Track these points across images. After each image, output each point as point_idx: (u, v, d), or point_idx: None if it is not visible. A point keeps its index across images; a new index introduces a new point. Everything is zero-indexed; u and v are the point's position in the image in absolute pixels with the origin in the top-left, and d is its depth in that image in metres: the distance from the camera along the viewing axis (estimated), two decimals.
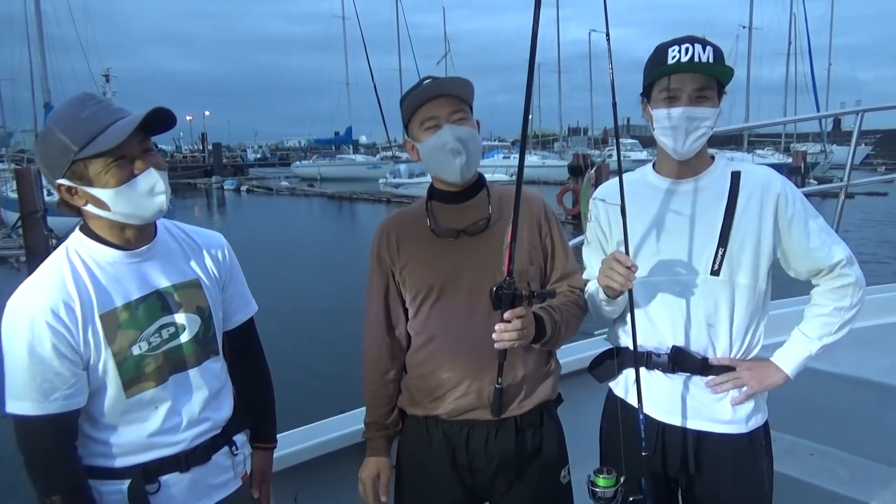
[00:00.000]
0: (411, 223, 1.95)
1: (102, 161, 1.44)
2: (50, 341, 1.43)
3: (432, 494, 1.93)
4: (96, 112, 1.45)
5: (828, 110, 35.15)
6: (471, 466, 1.89)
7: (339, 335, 9.93)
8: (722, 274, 1.77)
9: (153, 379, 1.55)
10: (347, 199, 35.96)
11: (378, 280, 1.98)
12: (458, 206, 1.93)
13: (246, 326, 1.84)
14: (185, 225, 1.75)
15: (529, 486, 1.89)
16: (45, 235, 16.56)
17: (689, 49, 1.70)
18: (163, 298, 1.59)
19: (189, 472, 1.61)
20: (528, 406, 1.88)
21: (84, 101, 1.47)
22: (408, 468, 1.98)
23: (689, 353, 1.81)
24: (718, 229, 1.76)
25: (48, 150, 1.46)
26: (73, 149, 1.43)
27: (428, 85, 1.84)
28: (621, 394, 1.94)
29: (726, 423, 1.81)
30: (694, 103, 1.72)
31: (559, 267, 1.95)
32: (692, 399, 1.82)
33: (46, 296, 1.45)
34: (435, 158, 1.86)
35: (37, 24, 23.86)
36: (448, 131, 1.82)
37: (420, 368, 1.93)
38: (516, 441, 1.87)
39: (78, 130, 1.43)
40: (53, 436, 1.47)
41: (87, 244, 1.54)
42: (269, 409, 1.91)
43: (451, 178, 1.87)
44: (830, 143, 39.76)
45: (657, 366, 1.84)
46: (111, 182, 1.45)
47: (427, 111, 1.84)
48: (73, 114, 1.45)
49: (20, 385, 1.44)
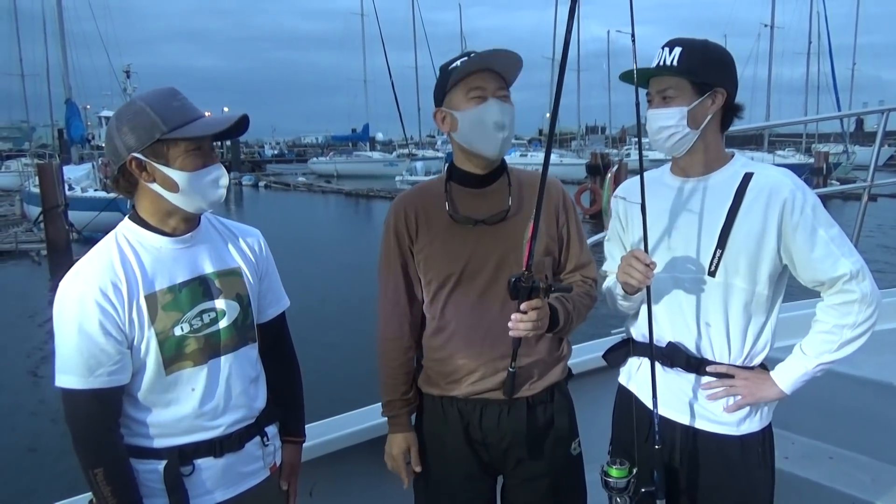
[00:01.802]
0: (430, 204, 1.93)
1: (184, 146, 1.55)
2: (97, 319, 1.50)
3: (449, 468, 1.97)
4: (185, 105, 1.58)
5: (851, 110, 34.67)
6: (485, 442, 1.94)
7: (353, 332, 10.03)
8: (718, 275, 1.76)
9: (192, 359, 1.61)
10: (364, 196, 36.06)
11: (395, 258, 1.97)
12: (477, 190, 1.93)
13: (278, 321, 1.88)
14: (224, 219, 1.83)
15: (541, 460, 1.95)
16: (65, 230, 16.79)
17: (661, 53, 1.76)
18: (205, 284, 1.66)
19: (223, 457, 1.66)
20: (539, 388, 1.93)
21: (174, 93, 1.60)
22: (425, 444, 2.02)
23: (681, 349, 1.82)
24: (718, 230, 1.75)
25: (135, 124, 1.54)
26: (161, 128, 1.53)
27: (483, 54, 1.84)
28: (624, 381, 1.99)
29: (718, 423, 1.80)
30: (658, 105, 1.78)
31: (573, 257, 1.97)
32: (687, 395, 1.83)
33: (95, 276, 1.53)
34: (477, 129, 1.85)
35: (58, 21, 24.12)
36: (495, 104, 1.84)
37: (436, 353, 1.96)
38: (528, 419, 1.92)
39: (170, 114, 1.54)
40: (98, 410, 1.53)
41: (135, 230, 1.62)
42: (299, 403, 1.95)
43: (490, 151, 1.87)
44: (853, 144, 39.25)
45: (657, 358, 1.84)
46: (188, 166, 1.56)
47: (475, 80, 1.84)
48: (165, 101, 1.57)
49: (68, 360, 1.51)
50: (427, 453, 2.02)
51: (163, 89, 1.61)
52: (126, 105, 1.60)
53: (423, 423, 2.03)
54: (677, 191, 1.85)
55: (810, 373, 1.76)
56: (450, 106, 1.89)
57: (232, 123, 1.59)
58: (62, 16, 24.17)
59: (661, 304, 1.84)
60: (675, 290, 1.82)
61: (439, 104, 1.91)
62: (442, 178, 1.98)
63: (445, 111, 1.90)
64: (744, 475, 1.79)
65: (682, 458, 1.83)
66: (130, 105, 1.58)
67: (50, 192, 16.72)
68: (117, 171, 1.59)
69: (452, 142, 1.94)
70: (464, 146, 1.90)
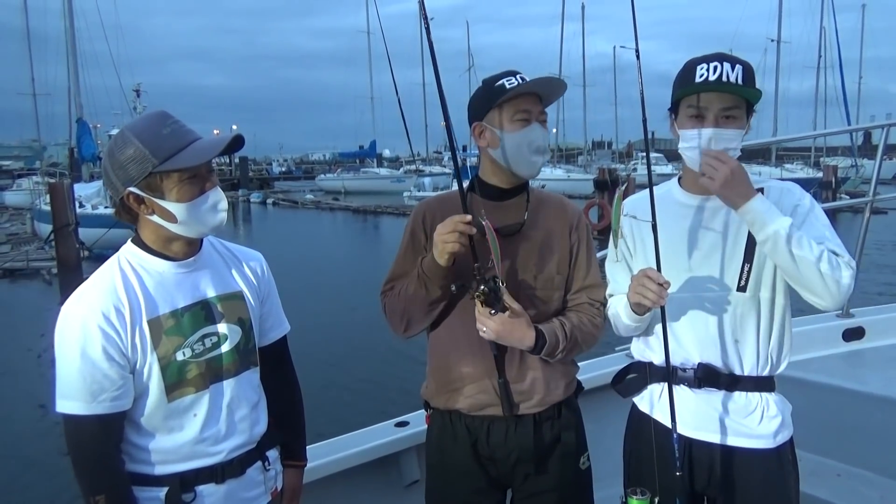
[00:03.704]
0: (449, 211, 1.93)
1: (177, 176, 1.52)
2: (100, 344, 1.49)
3: (458, 482, 1.98)
4: (176, 130, 1.53)
5: (858, 123, 34.58)
6: (493, 457, 1.95)
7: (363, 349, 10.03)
8: (749, 290, 1.76)
9: (194, 385, 1.60)
10: (372, 213, 36.12)
11: (409, 255, 1.99)
12: (497, 203, 1.96)
13: (279, 344, 1.87)
14: (227, 242, 1.82)
15: (549, 475, 1.96)
16: (76, 248, 16.86)
17: (718, 68, 1.68)
18: (207, 308, 1.64)
19: (224, 483, 1.64)
20: (545, 405, 1.94)
21: (164, 119, 1.55)
22: (434, 457, 2.04)
23: (716, 369, 1.79)
24: (744, 244, 1.75)
25: (125, 160, 1.52)
26: (153, 160, 1.50)
27: (539, 81, 1.90)
28: (646, 409, 1.92)
29: (755, 437, 1.78)
30: (721, 124, 1.70)
31: (580, 277, 1.98)
32: (720, 414, 1.80)
33: (98, 300, 1.52)
34: (519, 151, 1.89)
35: (70, 41, 24.44)
36: (538, 129, 1.90)
37: (442, 359, 1.98)
38: (534, 435, 1.93)
39: (159, 145, 1.50)
40: (100, 436, 1.52)
41: (138, 254, 1.61)
42: (300, 427, 1.93)
43: (527, 172, 1.93)
44: (861, 158, 39.09)
45: (683, 381, 1.82)
46: (185, 196, 1.54)
47: (523, 103, 1.89)
48: (155, 130, 1.52)
49: (70, 385, 1.50)
50: (436, 467, 2.04)
51: (152, 114, 1.58)
52: (116, 138, 1.57)
53: (432, 438, 2.05)
54: (697, 209, 1.83)
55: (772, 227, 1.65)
56: (492, 123, 1.91)
57: (225, 146, 1.56)
58: (74, 36, 24.52)
59: (685, 325, 1.82)
60: (699, 310, 1.79)
61: (479, 118, 1.94)
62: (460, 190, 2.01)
63: (486, 126, 1.92)
64: (782, 487, 1.79)
65: (720, 479, 1.80)
66: (120, 138, 1.55)
67: (61, 210, 16.80)
68: (119, 204, 1.59)
69: (484, 155, 1.97)
70: (499, 162, 1.93)
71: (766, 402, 1.80)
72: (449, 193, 2.07)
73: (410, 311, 1.93)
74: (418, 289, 1.88)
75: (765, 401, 1.80)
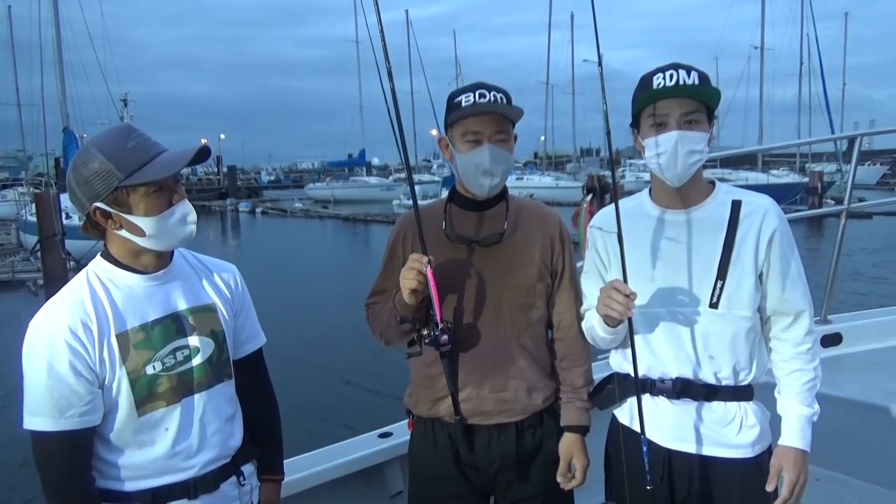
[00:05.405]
0: (428, 223, 1.95)
1: (143, 190, 1.51)
2: (67, 359, 1.47)
3: (440, 490, 2.00)
4: (141, 144, 1.52)
5: (842, 130, 35.00)
6: (475, 465, 1.97)
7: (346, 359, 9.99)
8: (721, 307, 1.75)
9: (165, 398, 1.58)
10: (362, 221, 36.06)
11: (389, 272, 2.01)
12: (476, 213, 1.98)
13: (255, 356, 1.86)
14: (199, 254, 1.81)
15: (532, 483, 1.97)
16: (62, 259, 16.72)
17: (674, 74, 1.70)
18: (178, 321, 1.63)
19: (197, 499, 1.62)
20: (528, 413, 1.96)
21: (129, 133, 1.54)
22: (417, 466, 2.06)
23: (694, 382, 1.80)
24: (717, 261, 1.75)
25: (90, 175, 1.50)
26: (118, 175, 1.49)
27: (481, 104, 1.85)
28: (626, 421, 1.92)
29: (734, 447, 1.79)
30: (684, 128, 1.70)
31: (564, 295, 2.00)
32: (699, 424, 1.80)
33: (65, 315, 1.50)
34: (468, 171, 1.91)
35: (56, 51, 24.31)
36: (487, 152, 1.87)
37: (425, 369, 1.98)
38: (517, 443, 1.95)
39: (124, 159, 1.49)
40: (68, 452, 1.50)
41: (107, 268, 1.59)
42: (277, 440, 1.91)
43: (477, 192, 1.94)
44: (846, 164, 39.49)
45: (661, 392, 1.82)
46: (152, 210, 1.53)
47: (472, 124, 1.88)
48: (119, 143, 1.51)
49: (38, 401, 1.48)
50: (419, 476, 2.05)
51: (117, 128, 1.57)
52: (79, 153, 1.55)
53: (415, 445, 2.06)
54: (658, 221, 1.82)
55: (810, 418, 1.81)
56: (451, 139, 1.94)
57: (191, 157, 1.54)
58: (60, 46, 24.38)
59: (660, 339, 1.81)
60: (673, 324, 1.79)
61: (444, 132, 1.97)
62: (443, 200, 2.03)
63: (447, 140, 1.96)
64: (761, 496, 1.79)
65: (700, 489, 1.81)
66: (84, 153, 1.53)
67: (47, 220, 16.66)
68: (86, 220, 1.56)
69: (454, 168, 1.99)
70: (459, 179, 1.97)
71: (745, 411, 1.80)
72: (429, 205, 2.09)
73: (387, 333, 1.99)
74: (391, 318, 1.92)
75: (743, 410, 1.80)
